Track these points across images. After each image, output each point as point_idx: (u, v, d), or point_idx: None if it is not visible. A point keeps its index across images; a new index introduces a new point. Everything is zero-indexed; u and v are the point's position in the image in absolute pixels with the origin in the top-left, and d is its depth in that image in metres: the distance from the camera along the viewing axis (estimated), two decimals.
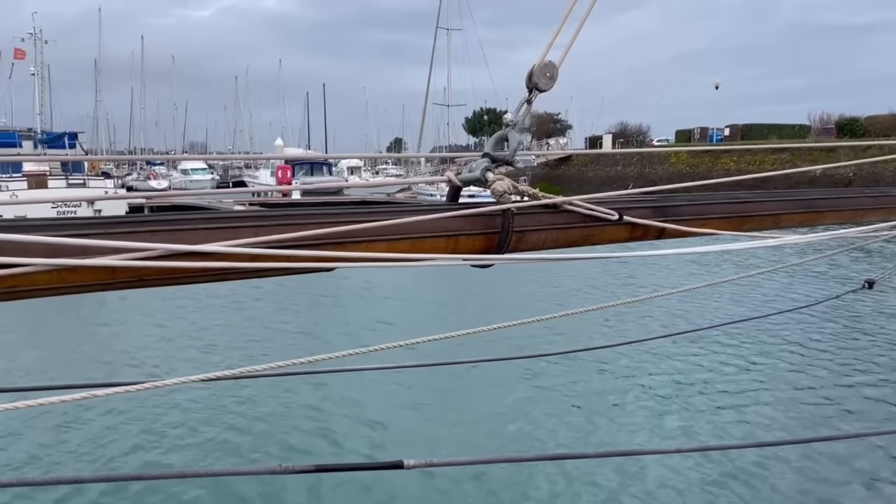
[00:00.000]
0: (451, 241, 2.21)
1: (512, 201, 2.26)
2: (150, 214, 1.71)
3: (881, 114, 55.38)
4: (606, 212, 2.53)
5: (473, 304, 15.33)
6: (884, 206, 3.53)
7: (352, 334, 12.58)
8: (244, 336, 12.39)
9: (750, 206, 3.08)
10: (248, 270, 1.77)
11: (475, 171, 2.29)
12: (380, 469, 1.60)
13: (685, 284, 8.41)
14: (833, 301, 8.97)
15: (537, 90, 2.34)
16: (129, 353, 11.41)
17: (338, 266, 1.91)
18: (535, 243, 2.45)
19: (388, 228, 2.04)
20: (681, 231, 2.79)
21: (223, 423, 7.77)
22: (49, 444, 7.32)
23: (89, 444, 7.26)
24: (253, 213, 1.83)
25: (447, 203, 2.38)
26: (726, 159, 49.50)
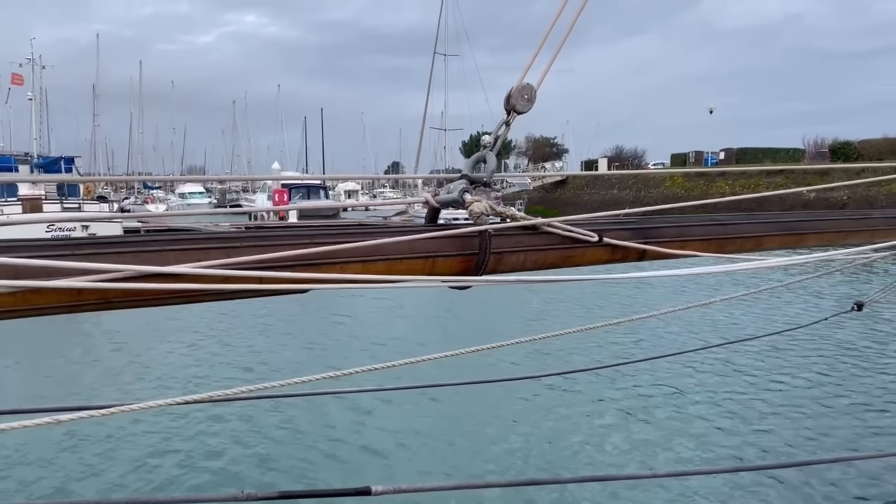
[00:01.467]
0: (429, 263, 2.20)
1: (490, 222, 2.27)
2: (118, 236, 1.70)
3: (874, 138, 55.90)
4: (586, 233, 2.53)
5: (451, 326, 15.30)
6: (866, 228, 3.53)
7: (323, 357, 12.51)
8: (208, 360, 12.26)
9: (731, 229, 3.08)
10: (219, 292, 1.75)
11: (453, 193, 2.29)
12: (347, 495, 1.58)
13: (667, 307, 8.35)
14: (823, 323, 8.96)
15: (515, 112, 2.36)
16: (90, 377, 11.30)
17: (312, 288, 1.90)
18: (514, 265, 2.44)
19: (364, 250, 2.03)
20: (661, 253, 2.79)
21: (184, 450, 7.64)
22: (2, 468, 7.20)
23: (42, 470, 7.15)
24: (224, 234, 1.82)
25: (424, 225, 2.38)
26: (721, 182, 49.71)
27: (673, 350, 9.57)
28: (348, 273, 2.00)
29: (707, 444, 7.62)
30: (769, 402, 8.95)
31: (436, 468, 7.09)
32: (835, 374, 10.09)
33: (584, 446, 7.67)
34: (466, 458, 7.42)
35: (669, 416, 8.49)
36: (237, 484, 6.56)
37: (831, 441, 7.62)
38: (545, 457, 7.40)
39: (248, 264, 1.77)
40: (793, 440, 7.68)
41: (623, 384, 9.40)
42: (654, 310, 3.10)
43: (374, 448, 7.67)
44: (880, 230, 3.56)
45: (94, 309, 1.58)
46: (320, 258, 1.96)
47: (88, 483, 6.85)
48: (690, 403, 8.94)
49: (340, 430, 8.13)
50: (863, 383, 9.67)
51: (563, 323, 14.21)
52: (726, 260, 2.92)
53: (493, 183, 2.34)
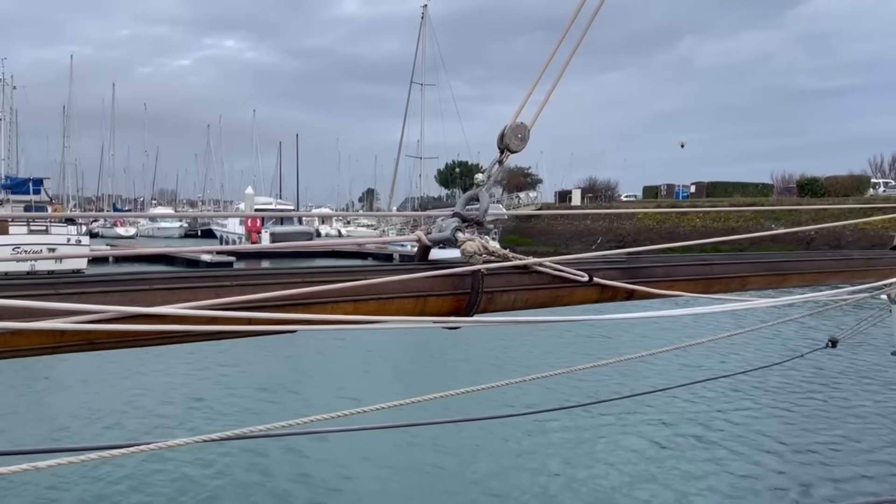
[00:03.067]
0: (420, 302, 2.16)
1: (482, 262, 2.24)
2: (104, 274, 1.63)
3: (840, 174, 57.42)
4: (576, 273, 2.52)
5: (443, 365, 15.17)
6: (846, 269, 3.58)
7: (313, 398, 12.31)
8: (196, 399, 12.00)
9: (717, 269, 3.10)
10: (206, 333, 1.69)
11: (445, 231, 2.26)
12: None
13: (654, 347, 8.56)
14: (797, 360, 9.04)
15: (509, 151, 2.35)
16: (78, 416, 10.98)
17: (301, 329, 1.85)
18: (505, 304, 2.41)
19: (355, 289, 1.99)
20: (650, 293, 2.79)
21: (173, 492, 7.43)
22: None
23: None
24: (214, 273, 1.77)
25: (416, 263, 2.35)
26: (692, 216, 50.51)
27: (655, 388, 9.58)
28: (339, 314, 1.95)
29: (688, 480, 7.61)
30: (743, 441, 8.98)
31: None
32: (809, 409, 10.19)
33: (572, 483, 7.61)
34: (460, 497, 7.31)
35: (653, 456, 8.47)
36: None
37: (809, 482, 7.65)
38: (532, 493, 7.33)
39: (237, 305, 1.71)
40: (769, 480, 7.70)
41: (608, 421, 9.38)
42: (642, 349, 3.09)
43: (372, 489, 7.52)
44: (859, 271, 3.61)
45: (76, 350, 1.51)
46: (311, 298, 1.91)
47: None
48: (674, 438, 8.94)
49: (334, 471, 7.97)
50: (837, 419, 9.77)
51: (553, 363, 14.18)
52: (712, 300, 2.93)
53: (487, 222, 2.31)
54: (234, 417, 10.31)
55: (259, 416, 10.07)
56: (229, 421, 10.23)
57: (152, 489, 7.56)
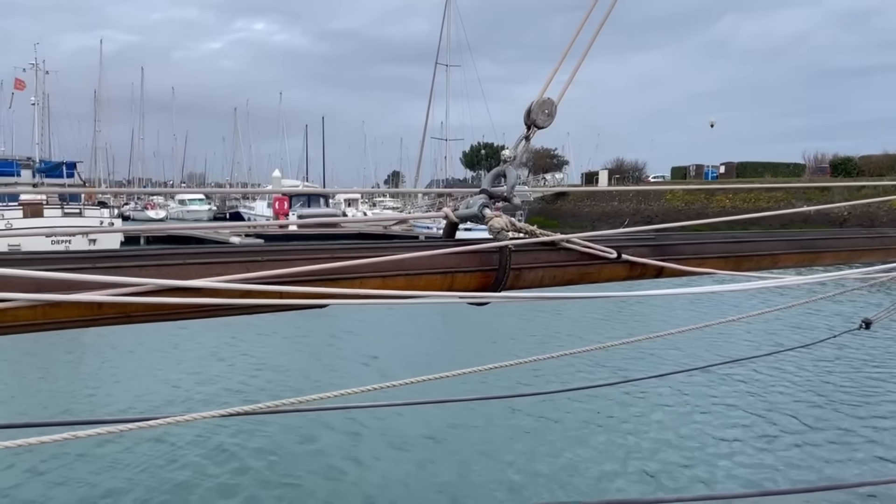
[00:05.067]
0: (448, 278, 2.17)
1: (509, 238, 2.24)
2: (139, 248, 1.66)
3: (874, 154, 56.00)
4: (604, 250, 2.50)
5: (471, 341, 15.24)
6: (881, 247, 3.51)
7: (343, 372, 12.46)
8: (229, 374, 12.22)
9: (748, 246, 3.06)
10: (239, 307, 1.72)
11: (472, 208, 2.26)
12: None
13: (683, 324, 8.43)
14: (830, 340, 8.93)
15: (535, 127, 2.34)
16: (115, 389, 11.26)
17: (331, 303, 1.87)
18: (533, 281, 2.41)
19: (383, 265, 2.00)
20: (679, 270, 2.76)
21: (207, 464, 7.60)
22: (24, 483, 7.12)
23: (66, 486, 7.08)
24: (245, 248, 1.79)
25: (444, 239, 2.35)
26: (721, 197, 49.77)
27: (683, 367, 9.52)
28: (368, 288, 1.97)
29: (718, 465, 7.57)
30: (778, 422, 8.90)
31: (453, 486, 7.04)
32: (842, 392, 10.05)
33: (603, 465, 7.61)
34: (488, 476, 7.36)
35: (681, 435, 8.43)
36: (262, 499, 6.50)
37: (842, 464, 7.57)
38: (568, 476, 7.35)
39: (268, 279, 1.74)
40: (802, 463, 7.63)
41: (637, 401, 9.36)
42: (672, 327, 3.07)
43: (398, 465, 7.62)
44: (895, 249, 3.53)
45: (113, 323, 1.55)
46: (340, 273, 1.93)
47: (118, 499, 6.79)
48: (703, 421, 8.88)
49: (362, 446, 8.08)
50: (872, 401, 9.63)
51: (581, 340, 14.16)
52: (743, 277, 2.90)
53: (513, 198, 2.31)
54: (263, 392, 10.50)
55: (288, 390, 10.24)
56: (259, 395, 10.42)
57: (184, 460, 7.74)
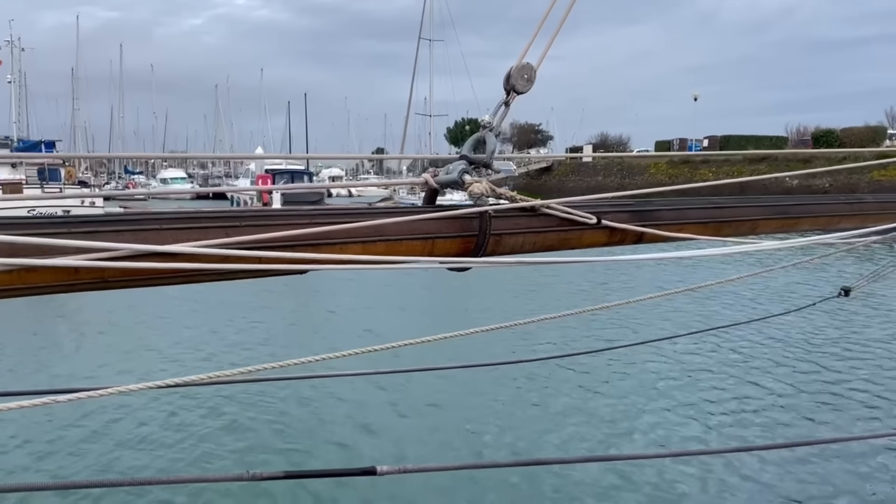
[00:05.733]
0: (428, 244, 2.17)
1: (489, 204, 2.24)
2: (116, 214, 1.65)
3: (856, 126, 56.46)
4: (584, 216, 2.51)
5: (451, 308, 15.35)
6: (859, 212, 3.55)
7: (324, 338, 12.54)
8: (208, 340, 12.26)
9: (727, 212, 3.08)
10: (217, 272, 1.72)
11: (452, 173, 2.26)
12: (352, 475, 1.56)
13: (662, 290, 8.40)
14: (808, 309, 9.08)
15: (515, 92, 2.33)
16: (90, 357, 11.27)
17: (311, 268, 1.87)
18: (513, 247, 2.42)
19: (364, 230, 2.00)
20: (659, 236, 2.78)
21: (188, 431, 7.62)
22: None
23: (42, 451, 7.10)
24: (223, 213, 1.79)
25: (424, 205, 2.36)
26: (705, 170, 50.01)
27: (663, 335, 9.64)
28: (348, 253, 1.97)
29: (694, 427, 7.71)
30: (758, 386, 9.06)
31: (438, 449, 7.12)
32: (821, 358, 10.24)
33: (585, 427, 7.73)
34: (468, 439, 7.45)
35: (658, 399, 8.58)
36: (242, 465, 6.56)
37: (817, 423, 7.74)
38: (549, 437, 7.44)
39: (247, 244, 1.73)
40: (783, 421, 7.80)
41: (617, 367, 9.47)
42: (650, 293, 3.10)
43: (377, 429, 7.69)
44: (872, 215, 3.57)
45: (90, 288, 1.54)
46: (320, 239, 1.92)
47: (92, 464, 6.82)
48: (680, 387, 9.02)
49: (343, 412, 8.14)
50: (848, 367, 9.82)
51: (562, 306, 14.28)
52: (722, 243, 2.92)
53: (493, 164, 2.31)
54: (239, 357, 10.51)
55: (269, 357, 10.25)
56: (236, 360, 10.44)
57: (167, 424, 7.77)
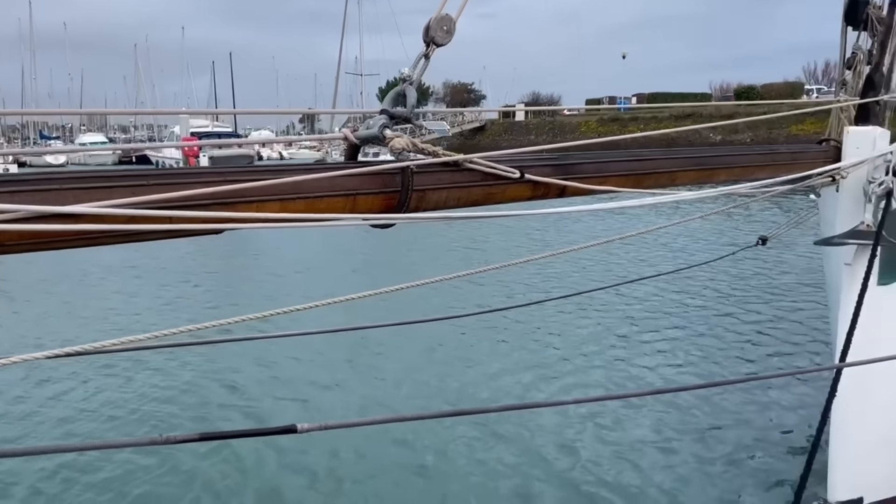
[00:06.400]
0: (350, 201, 2.14)
1: (411, 159, 2.22)
2: (12, 173, 1.56)
3: (775, 82, 58.54)
4: (507, 170, 2.52)
5: (374, 266, 15.38)
6: (771, 163, 3.69)
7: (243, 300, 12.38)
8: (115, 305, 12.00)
9: (647, 164, 3.15)
10: (125, 233, 1.65)
11: (372, 128, 2.21)
12: (272, 434, 1.54)
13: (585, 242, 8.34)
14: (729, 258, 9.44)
15: (434, 44, 2.29)
16: None
17: (227, 228, 1.82)
18: (437, 202, 2.41)
19: (281, 187, 1.95)
20: (581, 189, 2.82)
21: (102, 398, 7.40)
22: None
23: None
24: (129, 172, 1.71)
25: (344, 162, 2.32)
26: (633, 127, 50.97)
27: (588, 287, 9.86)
28: (266, 212, 1.92)
29: (621, 373, 7.97)
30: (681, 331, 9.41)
31: (361, 407, 7.13)
32: (740, 303, 10.72)
33: (505, 378, 7.85)
34: (391, 395, 7.48)
35: (583, 348, 8.78)
36: (157, 429, 6.44)
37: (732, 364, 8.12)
38: (471, 388, 7.54)
39: (156, 203, 1.67)
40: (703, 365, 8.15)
41: (540, 320, 9.61)
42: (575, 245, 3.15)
43: (299, 389, 7.63)
44: (785, 164, 3.72)
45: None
46: (236, 197, 1.87)
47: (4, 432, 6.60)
48: (604, 336, 9.26)
49: (264, 374, 8.05)
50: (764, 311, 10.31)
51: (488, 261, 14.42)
52: (644, 194, 2.99)
53: (414, 117, 2.28)
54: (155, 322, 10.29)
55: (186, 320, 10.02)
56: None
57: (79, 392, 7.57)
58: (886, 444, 4.34)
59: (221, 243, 16.69)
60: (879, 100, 4.24)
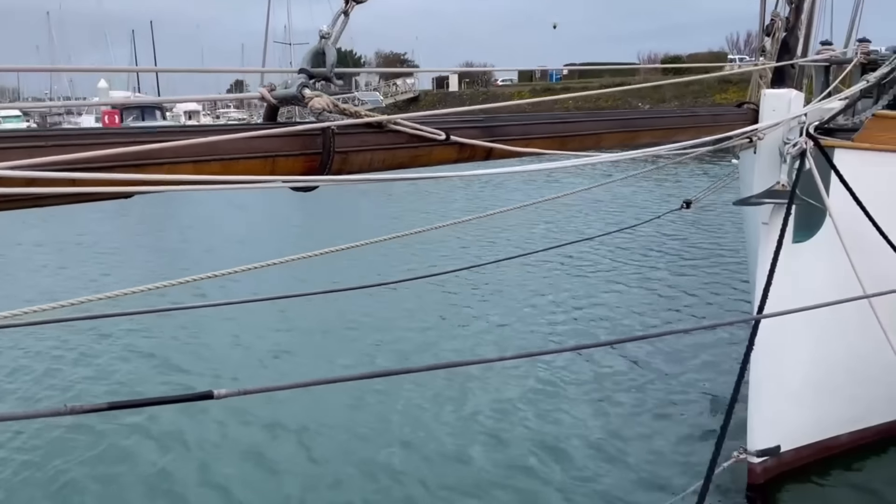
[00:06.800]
0: (269, 162, 2.08)
1: (332, 119, 2.16)
2: None
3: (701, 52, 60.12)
4: (433, 132, 2.49)
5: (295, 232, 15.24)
6: (693, 125, 3.78)
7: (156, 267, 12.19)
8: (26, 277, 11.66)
9: (572, 126, 3.18)
10: (22, 197, 1.55)
11: (291, 88, 2.14)
12: (187, 401, 1.49)
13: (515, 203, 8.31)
14: (654, 221, 9.67)
15: (354, 1, 2.24)
16: None
17: (136, 191, 1.73)
18: (361, 164, 2.37)
19: (195, 148, 1.87)
20: (508, 151, 2.82)
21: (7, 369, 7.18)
22: None
23: None
24: (26, 133, 1.61)
25: (262, 122, 2.25)
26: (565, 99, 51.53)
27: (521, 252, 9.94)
28: (179, 174, 1.85)
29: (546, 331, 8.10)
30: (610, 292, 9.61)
31: (282, 372, 7.04)
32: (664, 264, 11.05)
33: (435, 340, 7.87)
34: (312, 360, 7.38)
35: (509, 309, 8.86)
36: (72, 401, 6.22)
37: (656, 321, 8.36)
38: (400, 351, 7.52)
39: (58, 165, 1.57)
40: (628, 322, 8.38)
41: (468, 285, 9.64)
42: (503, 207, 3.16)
43: (216, 357, 7.47)
44: (706, 127, 3.82)
45: None
46: (145, 158, 1.78)
47: None
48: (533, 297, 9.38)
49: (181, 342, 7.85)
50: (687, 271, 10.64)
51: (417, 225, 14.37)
52: (570, 156, 3.01)
53: (334, 77, 2.22)
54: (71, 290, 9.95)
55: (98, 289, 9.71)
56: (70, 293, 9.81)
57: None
58: (801, 393, 4.57)
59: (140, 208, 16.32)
60: (794, 63, 4.38)
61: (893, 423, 4.99)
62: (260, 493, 4.83)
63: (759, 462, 4.49)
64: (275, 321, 8.44)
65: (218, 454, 5.38)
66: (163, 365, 7.38)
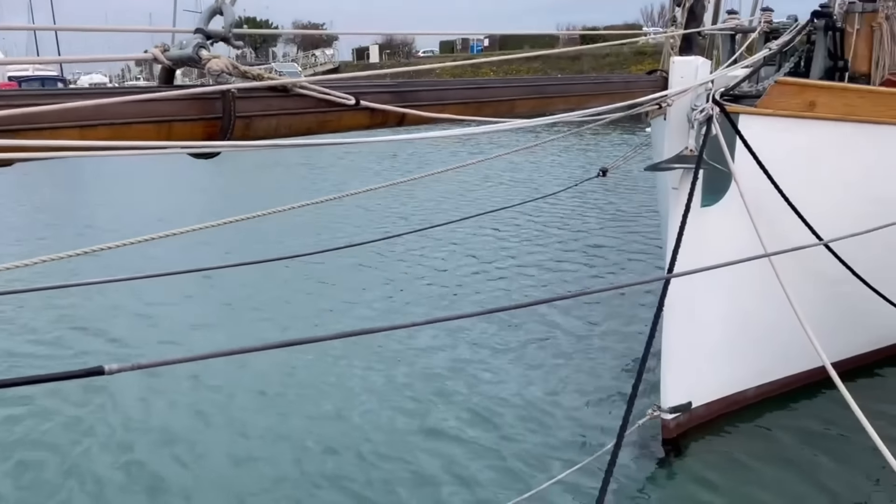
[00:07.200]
0: (164, 128, 1.97)
1: (232, 82, 2.06)
2: None
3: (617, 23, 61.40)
4: (342, 96, 2.42)
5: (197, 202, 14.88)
6: (605, 91, 3.83)
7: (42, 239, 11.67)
8: None
9: (486, 92, 3.16)
10: None
11: (186, 48, 2.03)
12: (76, 377, 1.40)
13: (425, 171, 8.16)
14: (572, 189, 9.81)
15: None
16: None
17: (16, 158, 1.61)
18: (266, 130, 2.28)
19: (81, 112, 1.75)
20: (421, 117, 2.77)
21: None
22: None
23: None
24: None
25: (157, 85, 2.12)
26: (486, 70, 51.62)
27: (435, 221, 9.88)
28: (63, 139, 1.72)
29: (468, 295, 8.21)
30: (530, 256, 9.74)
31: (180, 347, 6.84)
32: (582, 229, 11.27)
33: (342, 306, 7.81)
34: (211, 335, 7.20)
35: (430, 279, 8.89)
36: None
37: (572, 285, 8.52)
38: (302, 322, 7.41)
39: None
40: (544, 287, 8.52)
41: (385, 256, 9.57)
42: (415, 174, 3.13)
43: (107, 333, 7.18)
44: (618, 93, 3.88)
45: None
46: (25, 122, 1.66)
47: None
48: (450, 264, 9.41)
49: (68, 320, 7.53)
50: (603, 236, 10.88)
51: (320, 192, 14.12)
52: (484, 122, 2.99)
53: (232, 37, 2.11)
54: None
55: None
56: None
57: None
58: (711, 350, 4.78)
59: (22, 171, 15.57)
60: (701, 31, 4.49)
61: (794, 376, 5.28)
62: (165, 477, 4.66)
63: (672, 418, 4.68)
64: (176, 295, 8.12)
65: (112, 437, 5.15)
66: (53, 343, 7.03)
